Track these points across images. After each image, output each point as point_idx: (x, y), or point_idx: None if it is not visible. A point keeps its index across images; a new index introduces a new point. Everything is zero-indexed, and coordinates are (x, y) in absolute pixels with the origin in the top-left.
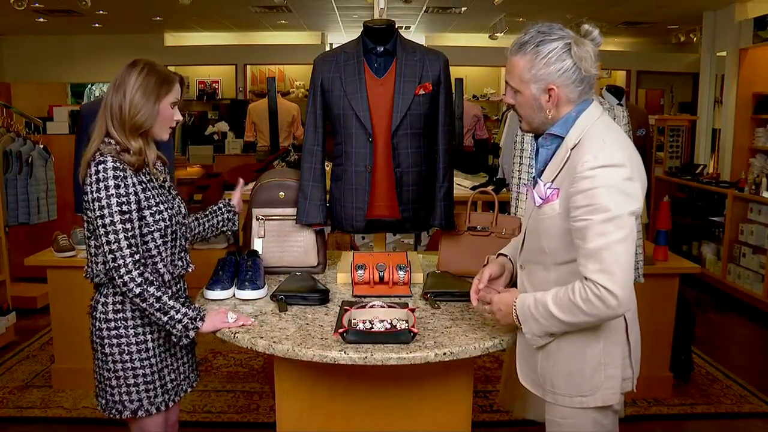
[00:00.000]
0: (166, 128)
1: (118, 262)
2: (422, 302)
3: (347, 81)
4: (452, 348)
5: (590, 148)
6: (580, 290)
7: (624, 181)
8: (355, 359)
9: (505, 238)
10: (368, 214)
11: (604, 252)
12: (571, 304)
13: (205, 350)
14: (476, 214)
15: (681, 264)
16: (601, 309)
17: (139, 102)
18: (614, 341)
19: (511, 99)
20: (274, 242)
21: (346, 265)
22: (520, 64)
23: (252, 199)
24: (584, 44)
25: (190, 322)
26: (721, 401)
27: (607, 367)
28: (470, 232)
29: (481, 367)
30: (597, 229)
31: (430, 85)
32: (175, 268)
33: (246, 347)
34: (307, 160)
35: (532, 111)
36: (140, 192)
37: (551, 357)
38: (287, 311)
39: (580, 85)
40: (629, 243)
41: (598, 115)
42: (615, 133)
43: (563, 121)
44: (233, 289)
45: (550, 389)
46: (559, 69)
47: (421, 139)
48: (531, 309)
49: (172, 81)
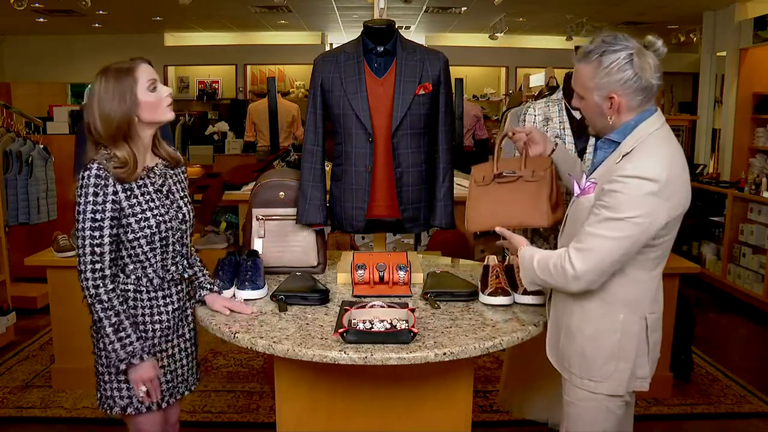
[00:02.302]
0: (162, 109)
1: (80, 268)
2: (422, 302)
3: (347, 81)
4: (452, 348)
5: (637, 158)
6: (557, 256)
7: (646, 195)
8: (355, 359)
9: (533, 181)
10: (368, 214)
11: (591, 238)
12: (546, 265)
13: (205, 350)
14: (503, 160)
15: (681, 264)
16: (560, 278)
17: (110, 110)
18: (630, 337)
19: (577, 103)
20: (274, 242)
21: (346, 265)
22: (584, 72)
23: (252, 199)
24: (646, 55)
25: (116, 360)
26: (721, 401)
27: (619, 361)
28: (498, 180)
29: (481, 367)
30: (599, 220)
31: (430, 85)
32: (166, 273)
33: (246, 347)
34: (307, 160)
35: (596, 116)
36: (123, 200)
37: (571, 335)
38: (287, 311)
39: (640, 94)
40: (618, 245)
41: (657, 126)
42: (666, 149)
43: (622, 128)
44: (233, 289)
45: (567, 367)
46: (620, 78)
47: (421, 139)
48: (525, 261)
49: (132, 69)
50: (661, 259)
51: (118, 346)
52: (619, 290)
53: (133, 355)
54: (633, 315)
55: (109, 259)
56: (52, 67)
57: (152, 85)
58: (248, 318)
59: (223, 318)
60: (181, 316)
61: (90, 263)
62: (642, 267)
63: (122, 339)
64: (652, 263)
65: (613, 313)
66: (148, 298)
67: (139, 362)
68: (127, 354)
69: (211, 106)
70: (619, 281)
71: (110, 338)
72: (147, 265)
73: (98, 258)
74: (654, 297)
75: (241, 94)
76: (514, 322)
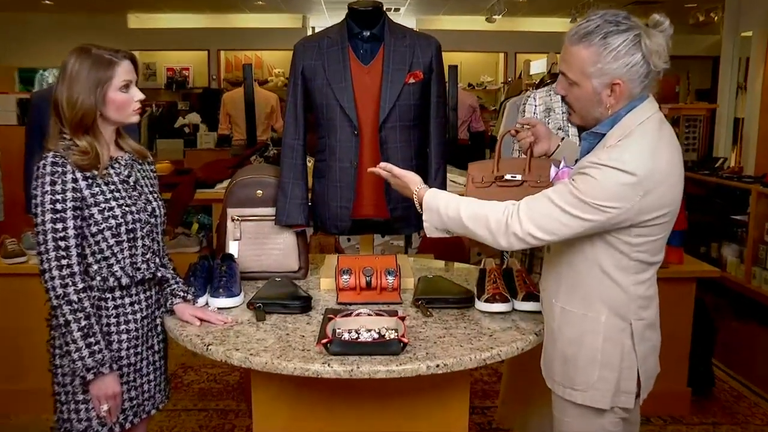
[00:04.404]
0: (128, 112)
1: (43, 267)
2: (413, 309)
3: (330, 69)
4: (446, 359)
5: (618, 148)
6: (499, 209)
7: (621, 185)
8: (339, 372)
9: (540, 186)
10: (354, 213)
11: (550, 206)
12: (475, 214)
13: (175, 365)
14: (506, 160)
15: (698, 267)
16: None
17: (79, 95)
18: (615, 342)
19: (564, 91)
20: (251, 245)
21: (330, 269)
22: (582, 56)
23: (227, 198)
24: (655, 36)
25: (82, 368)
26: (749, 420)
27: (603, 368)
28: (498, 183)
29: (478, 381)
30: (565, 192)
31: (420, 73)
32: (137, 272)
33: (220, 360)
34: (287, 155)
35: (590, 105)
36: (84, 188)
37: (552, 339)
38: (265, 320)
39: (645, 80)
40: (579, 224)
41: (649, 115)
42: (653, 141)
43: (612, 118)
44: (206, 297)
45: (551, 374)
46: (627, 63)
47: (411, 132)
48: (440, 208)
49: (113, 63)
50: (646, 265)
51: (86, 353)
52: (601, 289)
53: (102, 363)
54: (616, 318)
55: (77, 254)
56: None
57: (125, 85)
58: (222, 328)
59: (195, 329)
60: (150, 325)
61: (55, 260)
62: (623, 269)
63: (91, 345)
64: (634, 267)
65: (595, 313)
66: (114, 306)
67: (108, 372)
68: (96, 362)
69: (181, 95)
70: (601, 279)
71: (78, 344)
72: (113, 262)
73: (64, 253)
74: (643, 303)
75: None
76: (513, 330)
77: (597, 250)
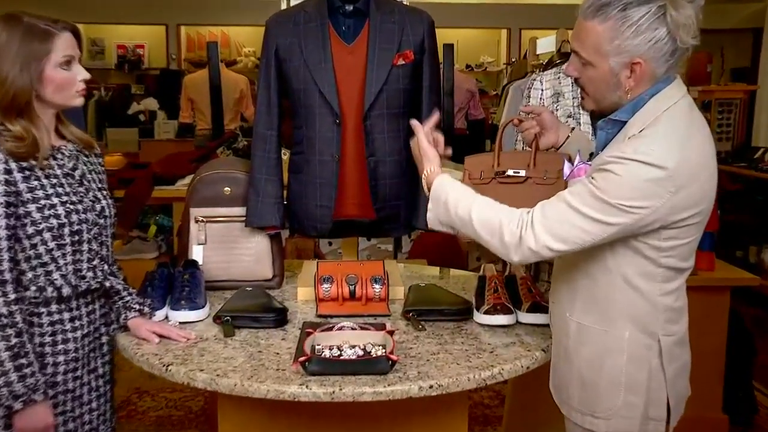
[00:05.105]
0: (70, 93)
1: None
2: (403, 323)
3: (308, 48)
4: (441, 380)
5: (643, 139)
6: (513, 216)
7: (647, 181)
8: (319, 395)
9: (547, 184)
10: (336, 213)
11: (569, 211)
12: (488, 220)
13: (128, 390)
14: (507, 153)
15: (733, 274)
16: (511, 242)
17: (8, 72)
18: (640, 362)
19: (576, 72)
20: (217, 250)
21: (309, 277)
22: (597, 32)
23: (189, 196)
24: (683, 7)
25: (8, 396)
26: None
27: (627, 392)
28: (499, 180)
29: (478, 404)
30: (584, 193)
31: (411, 53)
32: (80, 281)
33: (182, 383)
34: (259, 147)
35: (606, 88)
36: (20, 181)
37: (568, 358)
38: (234, 336)
39: (671, 58)
40: (601, 230)
41: (676, 100)
42: (682, 129)
43: (633, 103)
44: (166, 310)
45: (566, 399)
46: (650, 39)
47: (400, 121)
48: (449, 202)
49: (51, 35)
50: (675, 272)
51: (15, 376)
52: (623, 301)
53: (35, 389)
54: (642, 334)
55: (9, 259)
56: None
57: (67, 62)
58: (185, 346)
59: (152, 347)
60: (93, 344)
61: None
62: (650, 278)
63: (22, 368)
64: (662, 274)
65: (617, 329)
66: (50, 321)
67: (41, 400)
68: (26, 388)
69: (134, 77)
70: (623, 290)
71: (5, 366)
72: (53, 269)
73: None
74: (672, 316)
75: (174, 63)
76: (517, 346)
77: (618, 256)
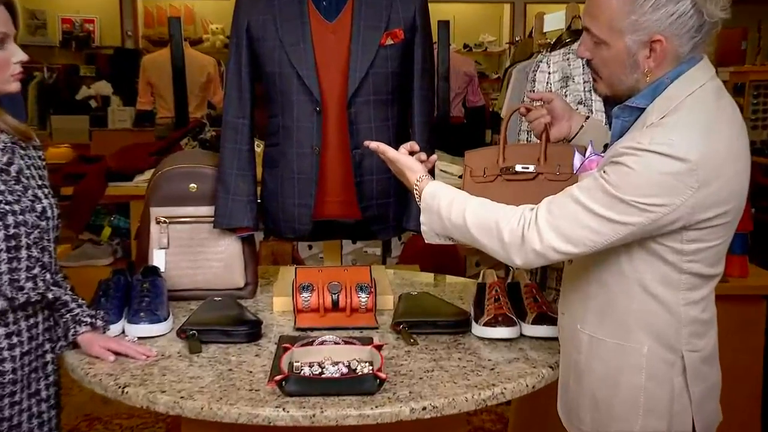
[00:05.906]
0: (4, 77)
1: None
2: (393, 336)
3: (285, 26)
4: (435, 400)
5: (662, 127)
6: (514, 216)
7: (665, 175)
8: (298, 418)
9: (560, 180)
10: (316, 213)
11: (578, 209)
12: (485, 221)
13: (77, 417)
14: (514, 146)
15: None
16: (514, 245)
17: None
18: (661, 381)
19: (588, 53)
20: (182, 255)
21: (286, 285)
22: (612, 6)
23: (150, 193)
24: None
25: None
26: None
27: (646, 414)
28: (505, 177)
29: (479, 429)
30: (595, 188)
31: (401, 31)
32: (18, 292)
33: (140, 407)
34: (229, 138)
35: (622, 70)
36: None
37: (579, 376)
38: (201, 353)
39: (696, 34)
40: (613, 230)
41: (702, 83)
42: (708, 114)
43: (652, 88)
44: (122, 323)
45: (576, 423)
46: (671, 13)
47: (389, 109)
48: (442, 210)
49: None
50: (701, 279)
51: None
52: (641, 312)
53: None
54: (663, 349)
55: None
56: None
57: (2, 42)
58: (144, 364)
59: (107, 365)
60: (34, 364)
61: None
62: (672, 286)
63: None
64: (686, 282)
65: (635, 343)
66: None
67: None
68: None
69: (83, 57)
70: (641, 299)
71: None
72: None
73: None
74: (697, 329)
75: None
76: (521, 362)
77: (635, 260)
